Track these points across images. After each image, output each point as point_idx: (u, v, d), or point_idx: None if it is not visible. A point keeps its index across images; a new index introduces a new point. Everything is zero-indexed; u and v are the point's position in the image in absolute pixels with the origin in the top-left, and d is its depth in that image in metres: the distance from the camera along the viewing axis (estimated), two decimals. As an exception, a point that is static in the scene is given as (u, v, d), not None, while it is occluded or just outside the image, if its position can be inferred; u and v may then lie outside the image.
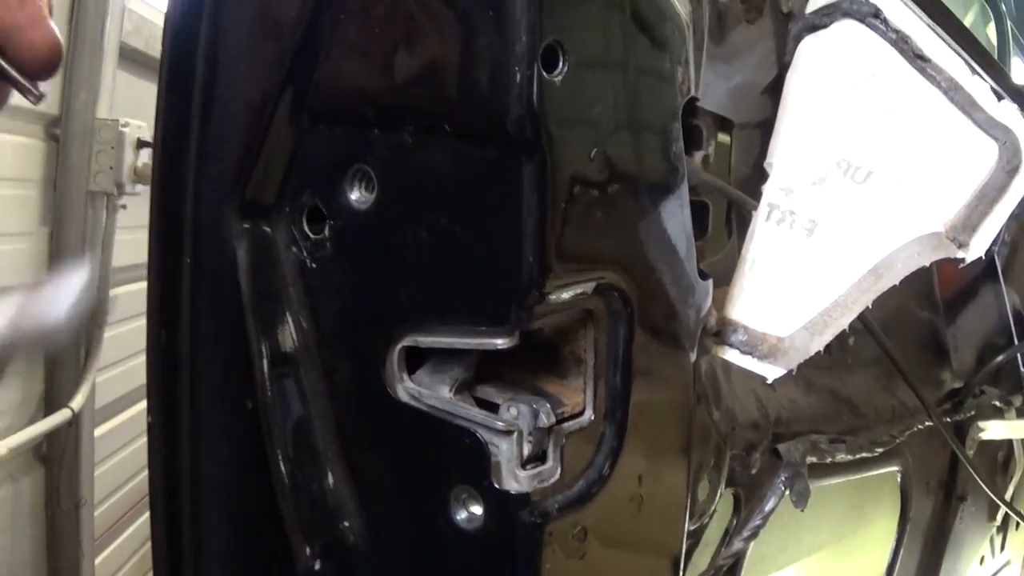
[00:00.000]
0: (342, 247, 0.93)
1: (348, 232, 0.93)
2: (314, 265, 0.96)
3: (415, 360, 0.93)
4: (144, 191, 3.41)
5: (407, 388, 0.92)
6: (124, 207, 3.37)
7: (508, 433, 0.87)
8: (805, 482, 1.35)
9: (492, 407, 0.90)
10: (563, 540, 0.91)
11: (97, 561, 3.75)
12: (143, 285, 1.07)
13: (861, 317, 1.17)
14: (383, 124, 0.89)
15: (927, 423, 1.80)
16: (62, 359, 3.32)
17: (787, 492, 1.34)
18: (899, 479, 1.89)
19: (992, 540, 2.48)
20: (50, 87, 3.05)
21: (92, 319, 3.32)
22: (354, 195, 0.91)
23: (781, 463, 1.34)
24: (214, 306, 1.02)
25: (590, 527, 0.93)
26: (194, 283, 1.02)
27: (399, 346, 0.91)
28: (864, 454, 1.56)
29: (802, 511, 1.36)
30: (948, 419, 1.91)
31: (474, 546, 0.91)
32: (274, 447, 1.00)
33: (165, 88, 1.01)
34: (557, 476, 0.90)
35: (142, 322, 3.30)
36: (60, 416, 3.26)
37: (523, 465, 0.88)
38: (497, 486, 0.87)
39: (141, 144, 3.32)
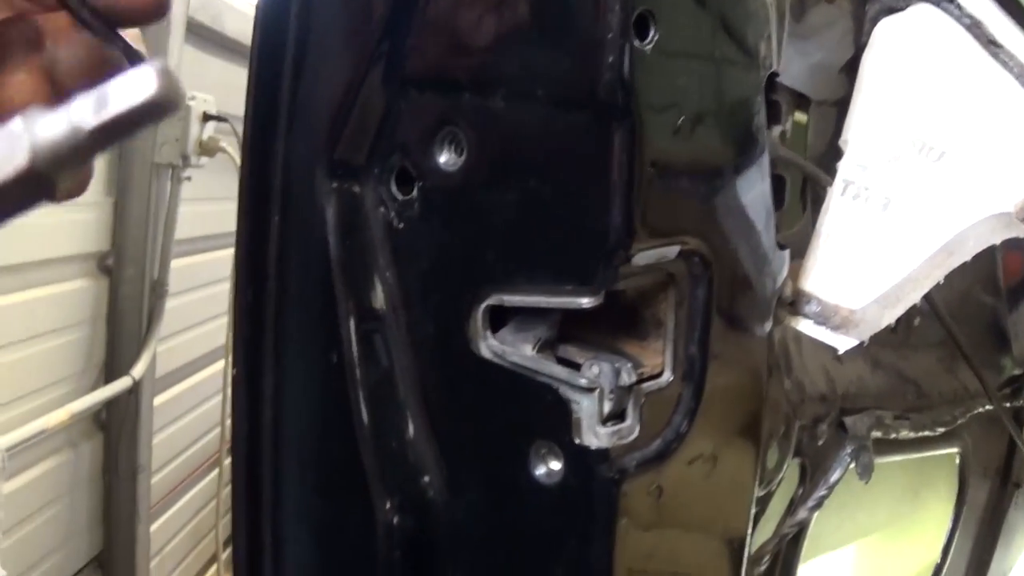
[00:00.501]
0: (430, 208, 0.96)
1: (436, 193, 0.95)
2: (401, 225, 0.98)
3: (497, 319, 0.96)
4: (209, 164, 3.46)
5: (491, 346, 0.94)
6: (188, 179, 3.41)
7: (590, 390, 0.89)
8: (870, 455, 1.37)
9: (574, 366, 0.93)
10: (639, 497, 0.94)
11: (153, 528, 3.80)
12: (205, 257, 1.10)
13: (928, 299, 1.19)
14: (475, 88, 0.91)
15: (987, 407, 1.80)
16: (124, 328, 3.37)
17: (852, 464, 1.36)
18: (958, 462, 1.90)
19: (1044, 529, 2.47)
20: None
21: (154, 290, 3.37)
22: (443, 157, 0.94)
23: (847, 436, 1.36)
24: (302, 264, 1.05)
25: (665, 486, 0.96)
26: (282, 242, 1.05)
27: (484, 304, 0.94)
28: (926, 432, 1.57)
29: (866, 483, 1.38)
30: (1007, 404, 1.91)
31: (552, 501, 0.93)
32: (357, 402, 1.03)
33: (258, 48, 1.03)
34: (636, 434, 0.92)
35: (203, 293, 3.36)
36: (121, 384, 3.30)
37: (603, 422, 0.90)
38: (577, 442, 0.90)
39: (207, 117, 3.36)
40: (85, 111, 0.42)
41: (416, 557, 1.05)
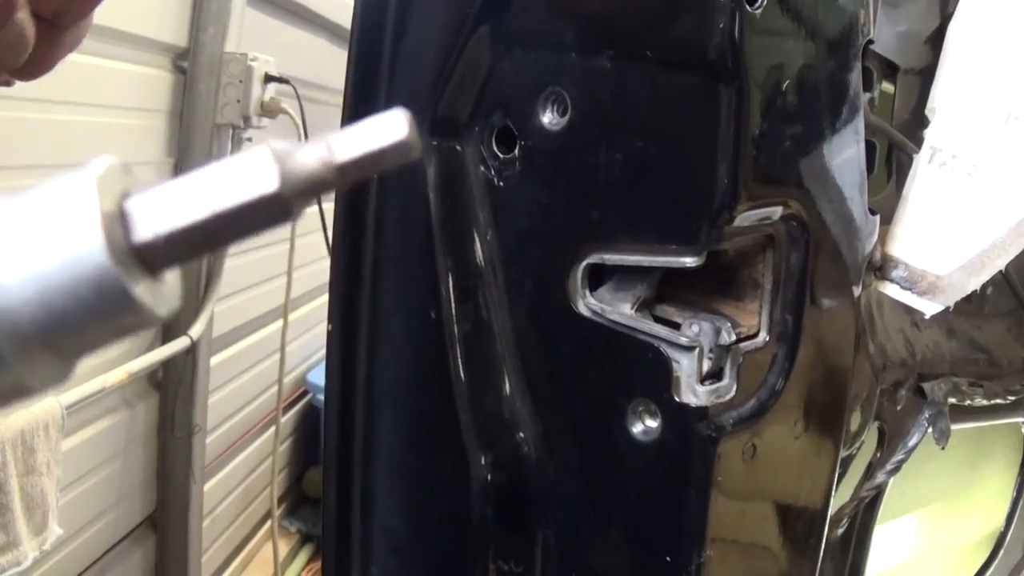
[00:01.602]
0: (532, 167, 0.97)
1: (538, 153, 0.97)
2: (502, 184, 1.00)
3: (595, 278, 0.98)
4: (270, 125, 3.47)
5: (589, 304, 0.96)
6: (250, 140, 3.43)
7: (690, 349, 0.91)
8: (947, 421, 1.38)
9: (672, 325, 0.94)
10: (734, 455, 0.95)
11: (207, 487, 3.85)
12: None
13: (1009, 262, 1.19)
14: (581, 49, 0.92)
15: (1054, 378, 1.80)
16: (182, 289, 3.40)
17: (930, 429, 1.37)
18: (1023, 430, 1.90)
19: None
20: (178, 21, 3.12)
21: (212, 250, 3.39)
22: (546, 117, 0.95)
23: (925, 401, 1.37)
24: (401, 221, 1.07)
25: (758, 445, 0.97)
26: (381, 197, 1.07)
27: (584, 263, 0.95)
28: (998, 400, 1.58)
29: (943, 448, 1.39)
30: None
31: (649, 458, 0.95)
32: (455, 358, 1.05)
33: (361, 1, 1.05)
34: (733, 393, 0.94)
35: (260, 254, 3.38)
36: (178, 344, 3.33)
37: (702, 381, 0.92)
38: (677, 399, 0.91)
39: (268, 78, 3.37)
40: (338, 147, 0.44)
41: (510, 513, 1.07)
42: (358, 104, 1.06)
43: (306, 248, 3.81)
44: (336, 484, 1.15)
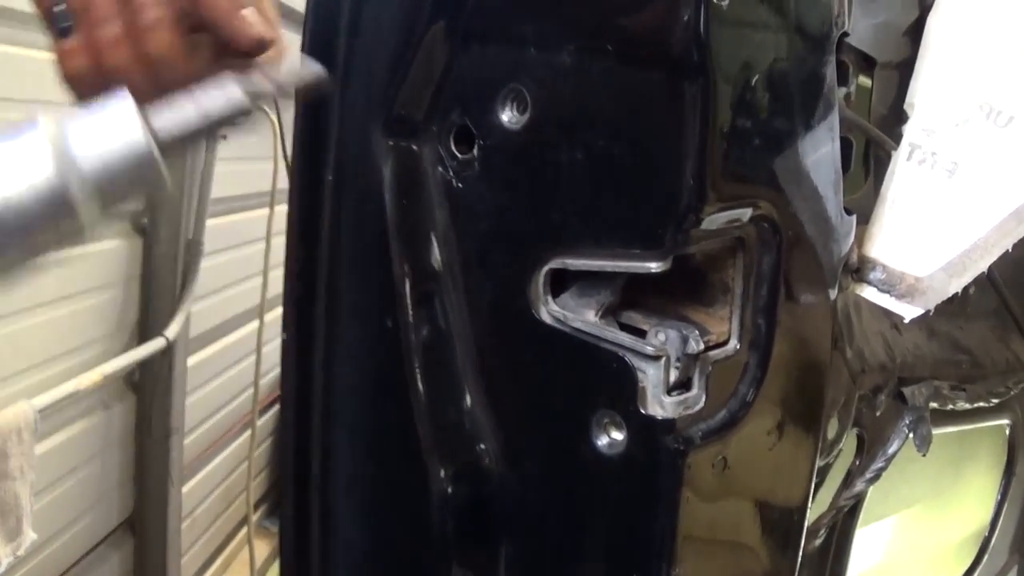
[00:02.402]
0: (491, 167, 0.93)
1: (498, 152, 0.92)
2: (460, 185, 0.95)
3: (558, 283, 0.93)
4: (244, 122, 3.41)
5: (552, 311, 0.92)
6: (224, 138, 3.37)
7: (656, 358, 0.87)
8: (928, 427, 1.34)
9: (638, 333, 0.90)
10: (704, 468, 0.91)
11: (185, 489, 3.80)
12: (240, 216, 1.09)
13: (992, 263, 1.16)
14: (541, 44, 0.88)
15: (1039, 378, 1.77)
16: (158, 289, 3.35)
17: (911, 435, 1.33)
18: (1007, 432, 1.86)
19: (1087, 504, 2.44)
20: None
21: (188, 249, 3.35)
22: (506, 115, 0.91)
23: (905, 407, 1.33)
24: (357, 223, 1.03)
25: (729, 457, 0.93)
26: (336, 200, 1.03)
27: (546, 268, 0.91)
28: (981, 403, 1.54)
29: (924, 455, 1.35)
30: (1058, 377, 1.87)
31: (614, 472, 0.91)
32: (412, 367, 1.01)
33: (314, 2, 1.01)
34: (702, 404, 0.89)
35: (238, 253, 3.33)
36: (155, 345, 3.27)
37: (669, 391, 0.87)
38: (642, 411, 0.87)
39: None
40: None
41: (472, 526, 1.03)
42: (310, 104, 1.01)
43: (283, 247, 3.75)
44: (294, 497, 1.11)
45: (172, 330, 3.31)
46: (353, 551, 1.12)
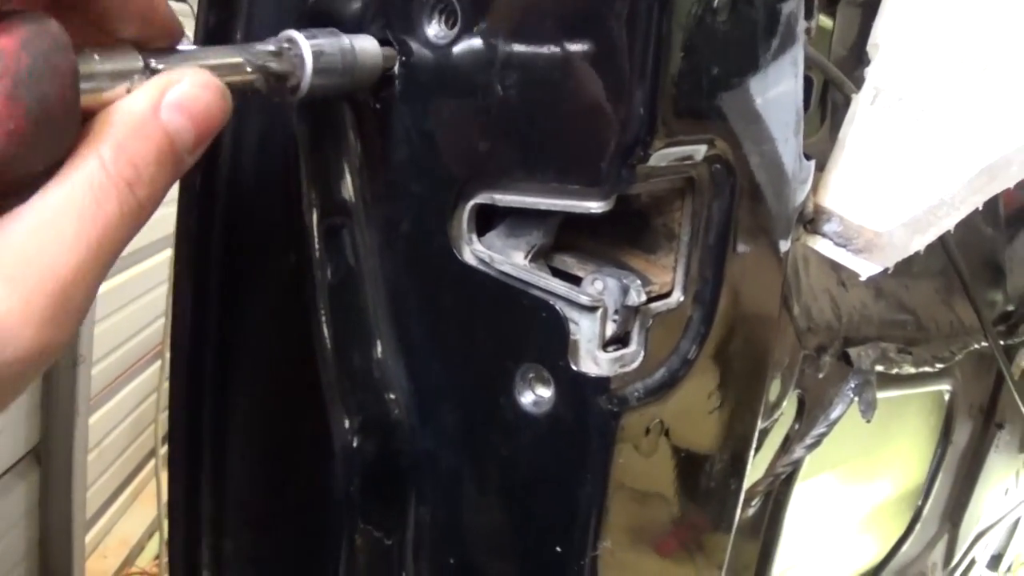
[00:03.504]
0: (413, 87, 0.82)
1: (421, 70, 0.81)
2: (378, 106, 0.84)
3: (484, 221, 0.83)
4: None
5: (476, 251, 0.82)
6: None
7: (592, 309, 0.77)
8: (874, 391, 1.26)
9: (571, 280, 0.80)
10: (638, 432, 0.82)
11: (92, 420, 3.69)
12: None
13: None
14: (474, -55, 0.77)
15: (981, 343, 1.70)
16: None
17: (855, 399, 1.25)
18: (947, 399, 1.80)
19: (1018, 472, 2.41)
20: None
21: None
22: (432, 29, 0.80)
23: (850, 369, 1.25)
24: (261, 146, 0.92)
25: (667, 419, 0.84)
26: (239, 119, 0.91)
27: (471, 203, 0.81)
28: (926, 368, 1.47)
29: (868, 422, 1.27)
30: (1001, 341, 1.82)
31: (539, 432, 0.81)
32: (317, 307, 0.90)
33: None
34: (640, 361, 0.80)
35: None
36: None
37: (604, 347, 0.78)
38: (573, 367, 0.77)
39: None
40: None
41: (379, 485, 0.93)
42: (212, 17, 0.90)
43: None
44: (184, 449, 1.01)
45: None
46: (249, 509, 1.03)
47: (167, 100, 0.63)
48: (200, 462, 1.01)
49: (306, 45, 0.75)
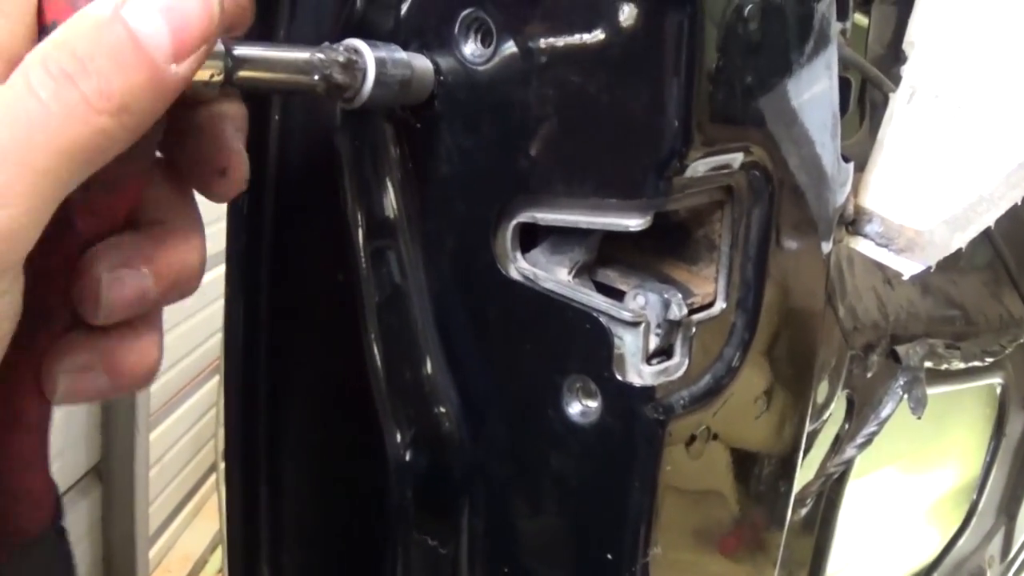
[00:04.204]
0: (453, 106, 0.84)
1: (460, 89, 0.83)
2: (419, 126, 0.86)
3: (529, 238, 0.84)
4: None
5: (520, 268, 0.83)
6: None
7: (635, 324, 0.78)
8: (924, 388, 1.26)
9: (615, 293, 0.81)
10: (685, 439, 0.83)
11: (152, 436, 3.74)
12: None
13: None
14: (506, -35, 0.79)
15: (1032, 335, 1.70)
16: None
17: (905, 397, 1.25)
18: (999, 392, 1.79)
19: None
20: None
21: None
22: (468, 48, 0.82)
23: (899, 367, 1.25)
24: (305, 167, 0.93)
25: (714, 426, 0.85)
26: (283, 140, 0.93)
27: (514, 221, 0.82)
28: (976, 363, 1.46)
29: (919, 418, 1.27)
30: (1052, 333, 1.81)
31: (587, 441, 0.82)
32: (367, 324, 0.92)
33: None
34: (684, 371, 0.81)
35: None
36: (118, 289, 3.19)
37: (648, 359, 0.79)
38: (619, 378, 0.79)
39: None
40: None
41: (430, 497, 0.94)
42: (254, 31, 0.91)
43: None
44: (240, 467, 1.03)
45: (136, 274, 3.22)
46: (304, 524, 1.04)
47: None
48: (256, 479, 1.03)
49: (371, 57, 0.77)
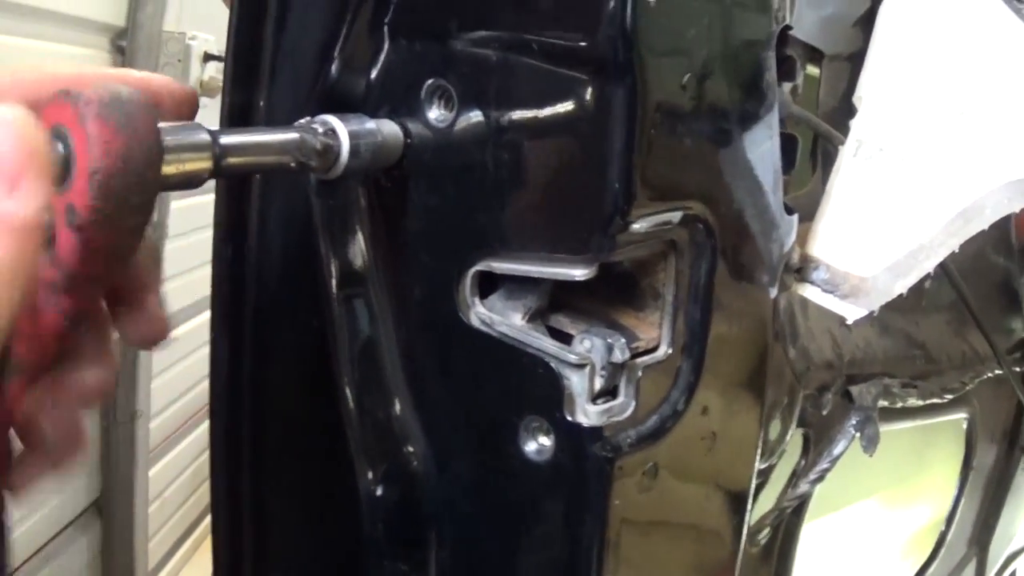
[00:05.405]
0: (419, 167, 0.90)
1: (426, 151, 0.89)
2: (388, 184, 0.93)
3: (488, 286, 0.91)
4: (210, 104, 3.38)
5: (479, 313, 0.89)
6: (188, 119, 3.33)
7: (580, 367, 0.84)
8: (876, 427, 1.32)
9: (566, 338, 0.88)
10: (634, 475, 0.89)
11: (151, 472, 3.78)
12: (205, 199, 1.06)
13: (941, 260, 1.13)
14: (464, 38, 0.85)
15: (996, 371, 1.75)
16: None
17: (857, 436, 1.31)
18: (965, 426, 1.85)
19: (1049, 493, 2.44)
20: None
21: (155, 230, 3.31)
22: (432, 113, 0.88)
23: (853, 406, 1.31)
24: (284, 221, 1.00)
25: (662, 463, 0.91)
26: (264, 196, 1.00)
27: (472, 270, 0.89)
28: (934, 400, 1.52)
29: (871, 456, 1.33)
30: (1017, 368, 1.86)
31: (543, 477, 0.89)
32: (340, 367, 0.98)
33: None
34: (630, 412, 0.87)
35: (201, 236, 3.33)
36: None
37: (594, 400, 0.85)
38: (569, 418, 0.85)
39: (208, 57, 3.29)
40: None
41: (401, 529, 1.00)
42: (235, 102, 0.98)
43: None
44: (225, 497, 1.09)
45: (135, 313, 3.26)
46: (287, 549, 1.10)
47: None
48: (240, 513, 1.09)
49: (345, 133, 0.83)
